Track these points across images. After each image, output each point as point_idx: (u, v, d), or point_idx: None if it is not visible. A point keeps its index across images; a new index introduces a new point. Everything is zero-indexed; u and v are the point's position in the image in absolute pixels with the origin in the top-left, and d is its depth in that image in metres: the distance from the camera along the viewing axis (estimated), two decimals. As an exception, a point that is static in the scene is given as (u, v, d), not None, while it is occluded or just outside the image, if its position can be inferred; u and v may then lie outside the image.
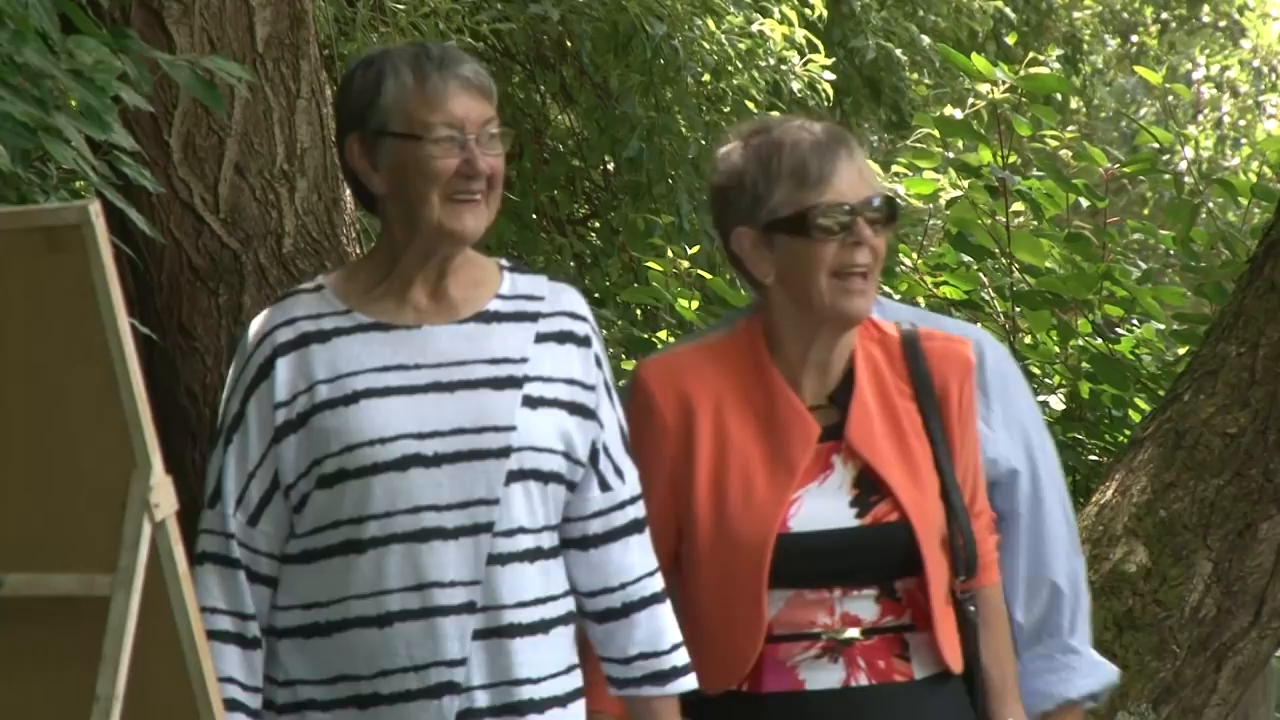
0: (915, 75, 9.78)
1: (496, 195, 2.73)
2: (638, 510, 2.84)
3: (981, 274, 6.03)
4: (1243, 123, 17.02)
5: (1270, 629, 4.07)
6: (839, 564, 2.83)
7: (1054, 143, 6.78)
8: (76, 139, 3.01)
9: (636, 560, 2.83)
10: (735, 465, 2.84)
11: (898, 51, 9.02)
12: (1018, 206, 6.06)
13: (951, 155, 6.47)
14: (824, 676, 2.82)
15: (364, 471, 2.65)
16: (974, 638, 2.90)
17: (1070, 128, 10.13)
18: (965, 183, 6.03)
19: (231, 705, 2.62)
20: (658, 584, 2.84)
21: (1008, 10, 10.52)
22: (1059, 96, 10.17)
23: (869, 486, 2.85)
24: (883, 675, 2.84)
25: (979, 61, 6.00)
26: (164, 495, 2.16)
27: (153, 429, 2.17)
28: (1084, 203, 6.18)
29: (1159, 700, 4.00)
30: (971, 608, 2.90)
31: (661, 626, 2.83)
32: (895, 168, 7.07)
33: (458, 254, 2.74)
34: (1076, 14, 14.13)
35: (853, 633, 2.83)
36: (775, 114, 7.07)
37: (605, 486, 2.81)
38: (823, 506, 2.84)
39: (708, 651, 2.84)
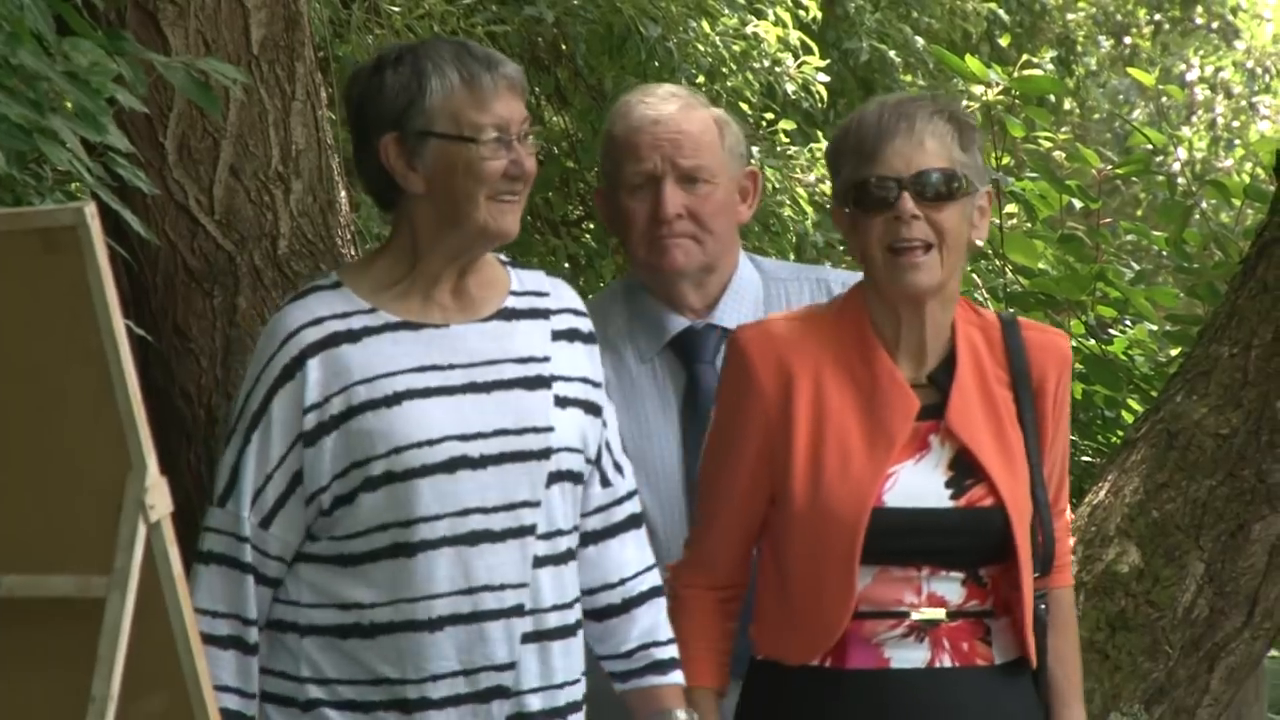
0: (909, 77, 9.79)
1: (527, 194, 2.73)
2: (634, 506, 2.85)
3: (975, 275, 6.04)
4: (1236, 124, 17.03)
5: (1263, 629, 4.07)
6: (930, 543, 2.82)
7: (1047, 144, 6.79)
8: (72, 141, 3.01)
9: (633, 556, 2.83)
10: (833, 435, 2.82)
11: (891, 53, 9.02)
12: (1011, 208, 6.07)
13: (945, 157, 6.46)
14: (909, 656, 2.82)
15: (411, 474, 2.63)
16: (1042, 635, 2.90)
17: (1063, 129, 10.14)
18: (959, 184, 6.03)
19: (228, 716, 2.59)
20: (655, 579, 2.84)
21: (1001, 12, 10.52)
22: (1052, 98, 10.18)
23: (965, 469, 2.84)
24: (965, 658, 2.84)
25: (972, 63, 6.01)
26: (159, 496, 2.17)
27: (148, 430, 2.18)
28: (1077, 204, 6.18)
29: (1151, 700, 4.00)
30: (1043, 606, 2.90)
31: (659, 620, 2.83)
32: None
33: (484, 253, 2.74)
34: (1070, 15, 14.14)
35: (938, 613, 2.83)
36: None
37: (606, 482, 2.81)
38: (918, 484, 2.83)
39: (794, 623, 2.83)
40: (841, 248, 6.85)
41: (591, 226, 8.05)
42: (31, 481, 2.24)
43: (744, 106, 7.24)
